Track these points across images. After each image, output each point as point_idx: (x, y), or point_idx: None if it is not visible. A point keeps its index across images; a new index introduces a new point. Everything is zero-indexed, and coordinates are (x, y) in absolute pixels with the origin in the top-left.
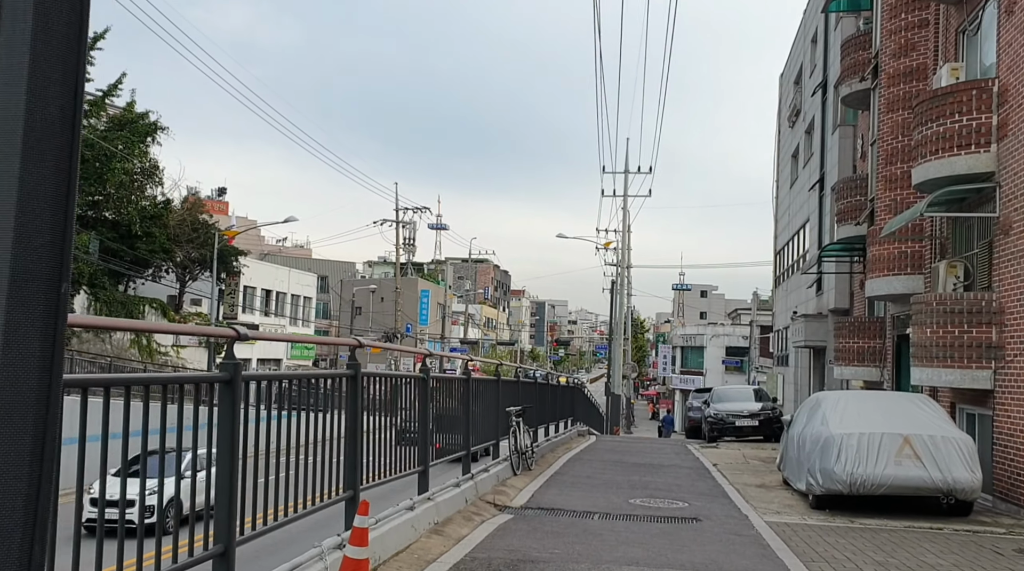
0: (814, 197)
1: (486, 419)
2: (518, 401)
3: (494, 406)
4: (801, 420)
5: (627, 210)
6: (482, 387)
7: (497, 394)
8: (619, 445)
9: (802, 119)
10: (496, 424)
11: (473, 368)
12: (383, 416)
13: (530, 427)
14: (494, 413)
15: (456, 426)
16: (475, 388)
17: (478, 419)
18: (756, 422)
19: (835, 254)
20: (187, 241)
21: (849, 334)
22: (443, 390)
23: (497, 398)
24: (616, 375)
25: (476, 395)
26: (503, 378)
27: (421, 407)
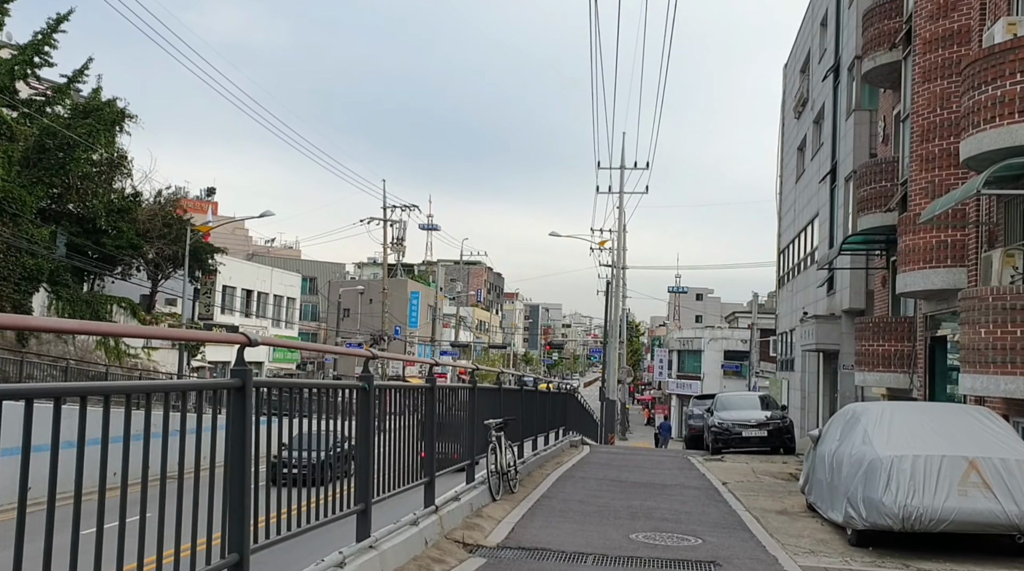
0: (824, 189)
1: (458, 435)
2: (499, 412)
3: (469, 419)
4: (833, 436)
5: (623, 209)
6: (453, 397)
7: (472, 404)
8: (615, 458)
9: (810, 108)
10: (471, 441)
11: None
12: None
13: (514, 441)
14: (469, 427)
15: (415, 447)
16: (444, 398)
17: (448, 436)
18: (765, 432)
19: (856, 247)
20: (158, 237)
21: (872, 336)
22: (395, 402)
23: (472, 409)
24: (611, 379)
25: (445, 407)
26: (482, 385)
27: (361, 425)
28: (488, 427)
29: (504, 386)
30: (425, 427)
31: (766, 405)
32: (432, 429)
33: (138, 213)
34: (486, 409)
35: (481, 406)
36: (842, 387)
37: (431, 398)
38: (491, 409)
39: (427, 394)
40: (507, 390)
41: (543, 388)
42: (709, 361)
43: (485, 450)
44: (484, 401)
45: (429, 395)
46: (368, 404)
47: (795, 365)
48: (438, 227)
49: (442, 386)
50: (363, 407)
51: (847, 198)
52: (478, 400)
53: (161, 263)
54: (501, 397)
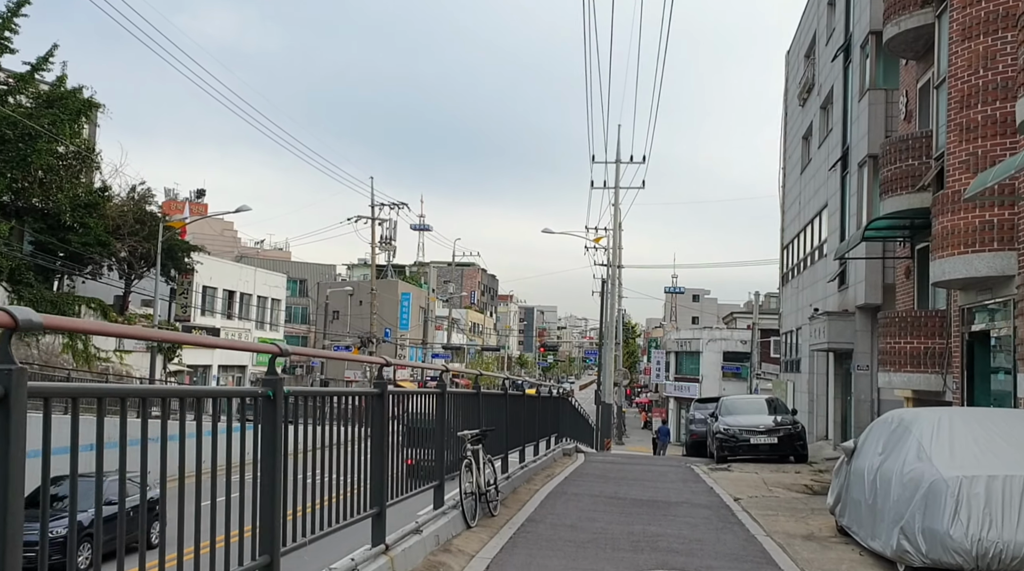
0: (834, 178)
1: (423, 451)
2: (478, 421)
3: (437, 431)
4: (873, 448)
5: (618, 207)
6: (414, 404)
7: (442, 413)
8: (612, 468)
9: (816, 93)
10: (441, 457)
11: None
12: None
13: (496, 455)
14: (438, 441)
15: (360, 470)
16: (399, 406)
17: (409, 452)
18: (775, 439)
19: (879, 234)
20: (130, 234)
21: (898, 332)
22: (325, 413)
23: (443, 419)
24: (607, 382)
25: (403, 417)
26: (455, 390)
27: (264, 446)
28: (463, 440)
29: (485, 391)
30: (373, 443)
31: (774, 409)
32: (383, 445)
33: (107, 209)
34: (461, 418)
35: (455, 415)
36: (856, 389)
37: (380, 407)
38: (468, 418)
39: (374, 402)
40: (488, 395)
41: (531, 393)
42: (708, 363)
43: (458, 467)
44: (458, 409)
45: (377, 403)
46: (274, 418)
47: (801, 366)
48: (430, 227)
49: (397, 391)
50: (267, 422)
51: (860, 185)
52: (450, 408)
53: (133, 262)
54: (480, 404)
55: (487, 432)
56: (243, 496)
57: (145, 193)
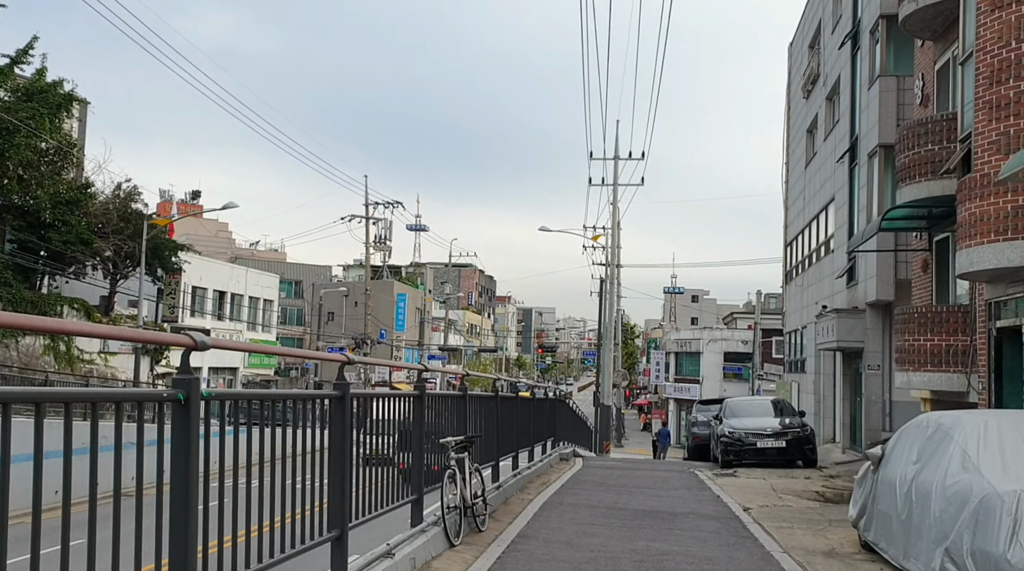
0: (842, 170)
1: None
2: (464, 426)
3: (415, 439)
4: (905, 455)
5: (616, 206)
6: (387, 409)
7: (422, 419)
8: (612, 474)
9: (822, 84)
10: (419, 467)
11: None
12: None
13: (485, 463)
14: (416, 450)
15: (317, 486)
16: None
17: (380, 464)
18: (782, 443)
19: (896, 224)
20: (114, 232)
21: (917, 329)
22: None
23: (422, 425)
24: (605, 383)
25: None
26: (436, 393)
27: (176, 459)
28: (446, 447)
29: (472, 392)
30: (332, 455)
31: (780, 411)
32: (344, 457)
33: (89, 206)
34: (444, 423)
35: (437, 420)
36: (867, 390)
37: (341, 412)
38: (452, 423)
39: (334, 407)
40: (477, 397)
41: (525, 396)
42: (708, 363)
43: (440, 478)
44: (441, 413)
45: (337, 408)
46: (186, 426)
47: (806, 366)
48: (426, 228)
49: (363, 393)
50: (178, 432)
51: (871, 176)
52: (430, 412)
53: (118, 261)
54: (467, 407)
55: (473, 439)
56: (144, 526)
57: (131, 191)
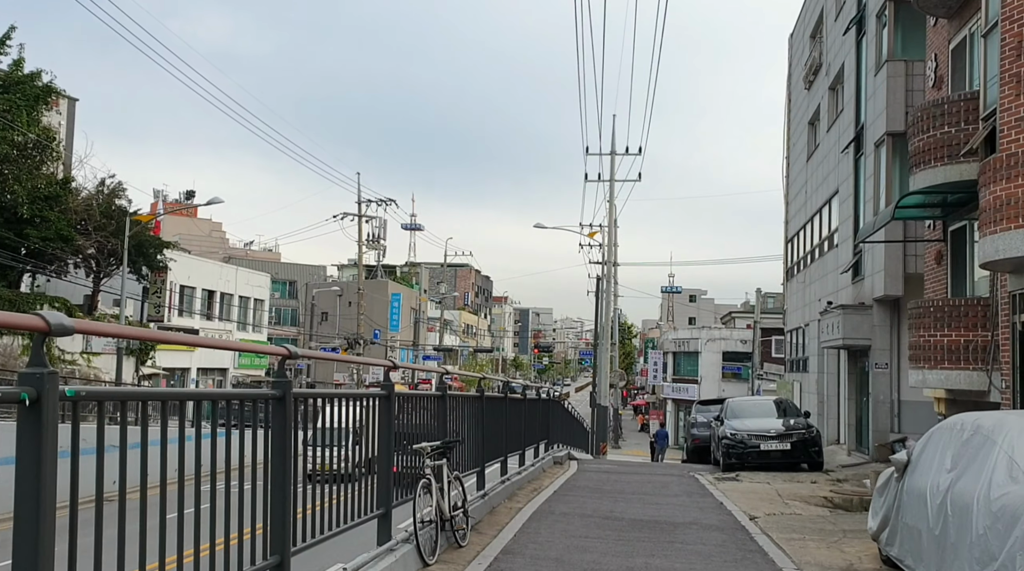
0: (846, 161)
1: (361, 471)
2: (444, 430)
3: (382, 445)
4: (937, 462)
5: (613, 203)
6: (344, 411)
7: (390, 423)
8: (608, 479)
9: (824, 73)
10: (386, 477)
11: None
12: None
13: (468, 470)
14: (383, 458)
15: (251, 504)
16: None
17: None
18: (787, 445)
19: (910, 212)
20: (96, 229)
21: (933, 324)
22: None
23: (389, 430)
24: (602, 384)
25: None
26: (409, 392)
27: (23, 479)
28: (420, 453)
29: (453, 392)
30: (273, 466)
31: (784, 412)
32: (286, 470)
33: (70, 201)
34: (420, 427)
35: (411, 424)
36: (874, 389)
37: (282, 416)
38: (430, 427)
39: (274, 409)
40: (459, 398)
41: (515, 397)
42: (707, 363)
43: (413, 489)
44: (416, 416)
45: (277, 411)
46: (37, 433)
47: (809, 365)
48: (421, 227)
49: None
50: (26, 444)
51: (878, 166)
52: (403, 414)
53: (101, 259)
54: (447, 409)
55: (452, 444)
56: None
57: (115, 187)
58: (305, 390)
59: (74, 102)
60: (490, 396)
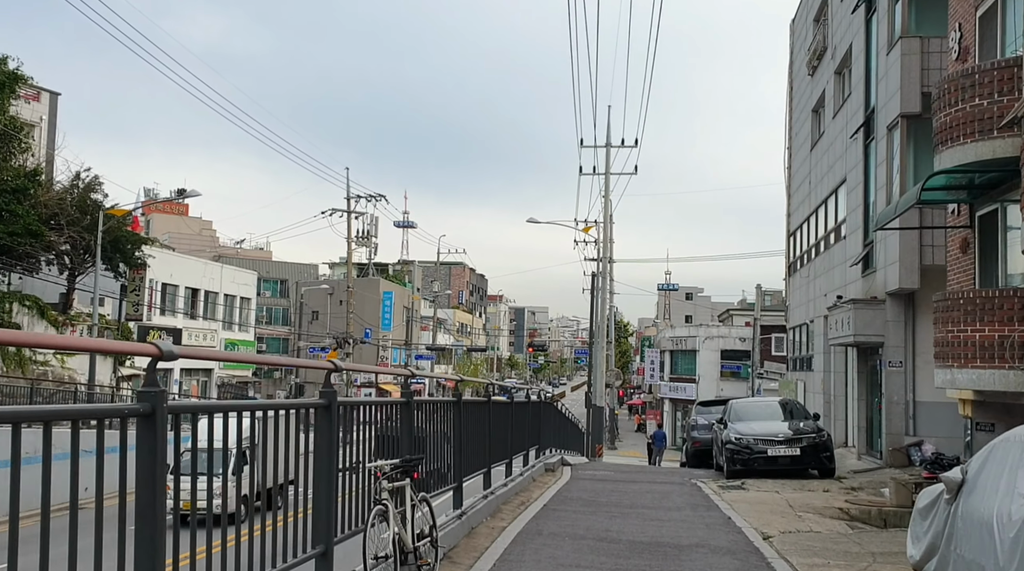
0: (855, 147)
1: (297, 500)
2: (410, 445)
3: (324, 467)
4: (1004, 483)
5: (608, 198)
6: (262, 425)
7: (330, 438)
8: (603, 488)
9: (829, 57)
10: (326, 509)
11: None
12: None
13: (439, 488)
14: (323, 482)
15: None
16: (230, 431)
17: (269, 504)
18: (796, 450)
19: (935, 196)
20: (69, 223)
21: (963, 318)
22: None
23: (332, 448)
24: (598, 383)
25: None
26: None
27: None
28: (377, 473)
29: (420, 397)
30: (139, 505)
31: (791, 414)
32: (156, 508)
33: (41, 194)
34: (377, 441)
35: (362, 438)
36: (887, 390)
37: (151, 439)
38: (392, 440)
39: (141, 428)
40: (431, 405)
41: (500, 401)
42: (705, 362)
43: (364, 518)
44: (372, 428)
45: (145, 431)
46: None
47: (814, 363)
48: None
49: (190, 407)
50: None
51: (890, 151)
52: (349, 428)
53: (74, 255)
54: (413, 418)
55: (415, 461)
56: None
57: (91, 181)
58: (187, 402)
59: (56, 96)
60: (470, 401)
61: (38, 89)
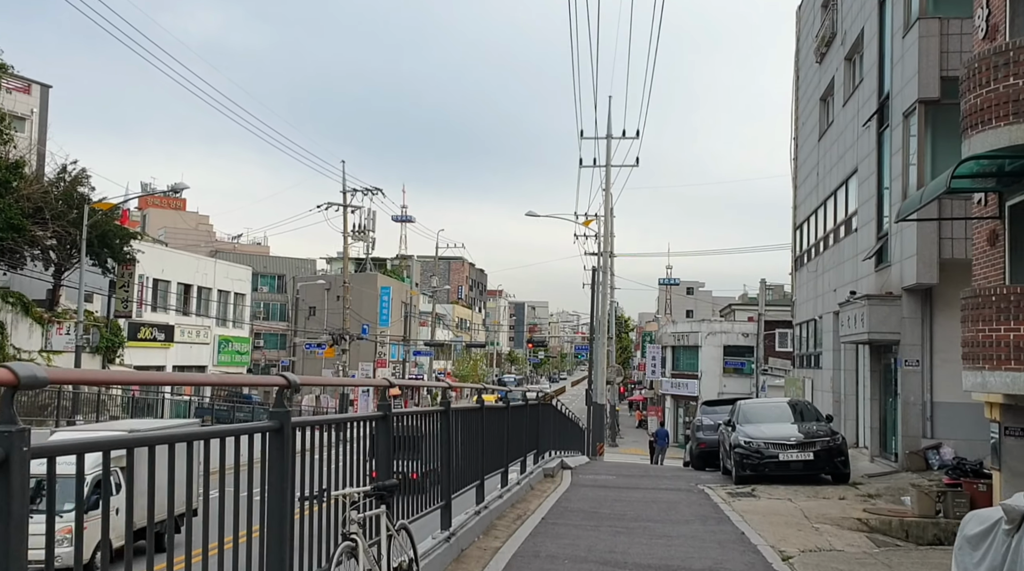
0: (867, 136)
1: (248, 538)
2: (384, 466)
3: (275, 500)
4: None
5: (609, 192)
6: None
7: (281, 466)
8: (606, 498)
9: (839, 43)
10: (278, 549)
11: None
12: None
13: (425, 510)
14: (275, 517)
15: None
16: None
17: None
18: (810, 455)
19: (962, 185)
20: (54, 217)
21: (995, 316)
22: None
23: (283, 476)
24: (598, 380)
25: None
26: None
27: None
28: (344, 502)
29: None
30: None
31: (801, 415)
32: None
33: (23, 187)
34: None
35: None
36: (904, 390)
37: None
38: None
39: None
40: (410, 416)
41: (490, 400)
42: (707, 357)
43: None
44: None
45: None
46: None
47: (822, 361)
48: (412, 219)
49: (51, 448)
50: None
51: (906, 138)
52: (309, 452)
53: (60, 251)
54: (390, 435)
55: (391, 488)
56: None
57: (78, 174)
58: (62, 439)
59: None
60: (460, 409)
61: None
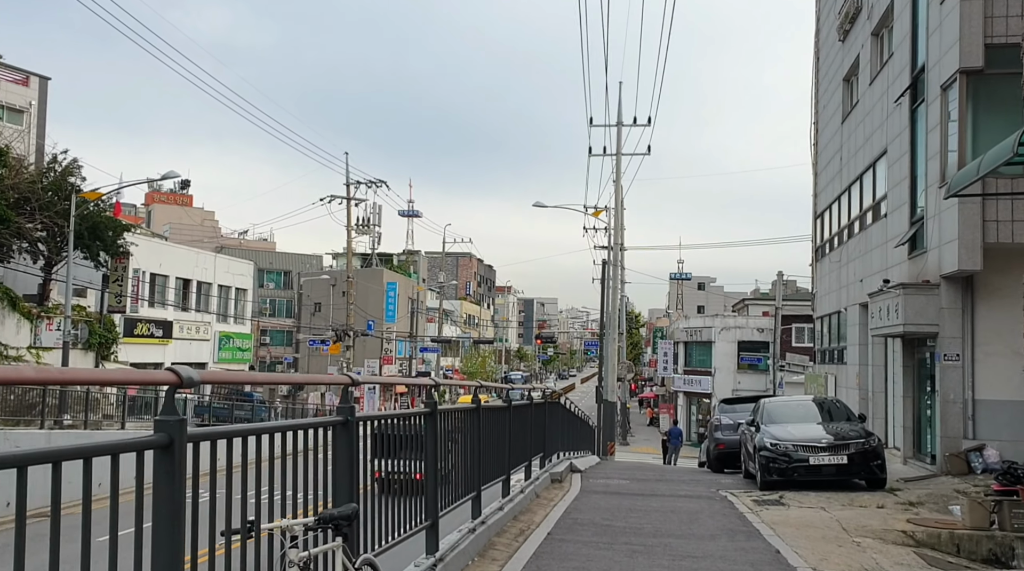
0: (899, 114)
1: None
2: (349, 488)
3: (164, 538)
4: None
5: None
6: None
7: (170, 494)
8: (620, 507)
9: (865, 18)
10: None
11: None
12: None
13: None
14: (162, 557)
15: None
16: None
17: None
18: (843, 458)
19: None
20: (42, 209)
21: None
22: None
23: (173, 505)
24: (609, 377)
25: None
26: (245, 427)
27: None
28: (279, 537)
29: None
30: None
31: (830, 414)
32: None
33: (9, 177)
34: (288, 483)
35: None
36: (943, 387)
37: None
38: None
39: None
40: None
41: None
42: (721, 353)
43: None
44: (273, 472)
45: None
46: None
47: (847, 356)
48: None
49: None
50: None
51: (944, 114)
52: (233, 479)
53: (50, 244)
54: (354, 447)
55: (347, 518)
56: None
57: (69, 164)
58: None
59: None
60: (451, 409)
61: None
